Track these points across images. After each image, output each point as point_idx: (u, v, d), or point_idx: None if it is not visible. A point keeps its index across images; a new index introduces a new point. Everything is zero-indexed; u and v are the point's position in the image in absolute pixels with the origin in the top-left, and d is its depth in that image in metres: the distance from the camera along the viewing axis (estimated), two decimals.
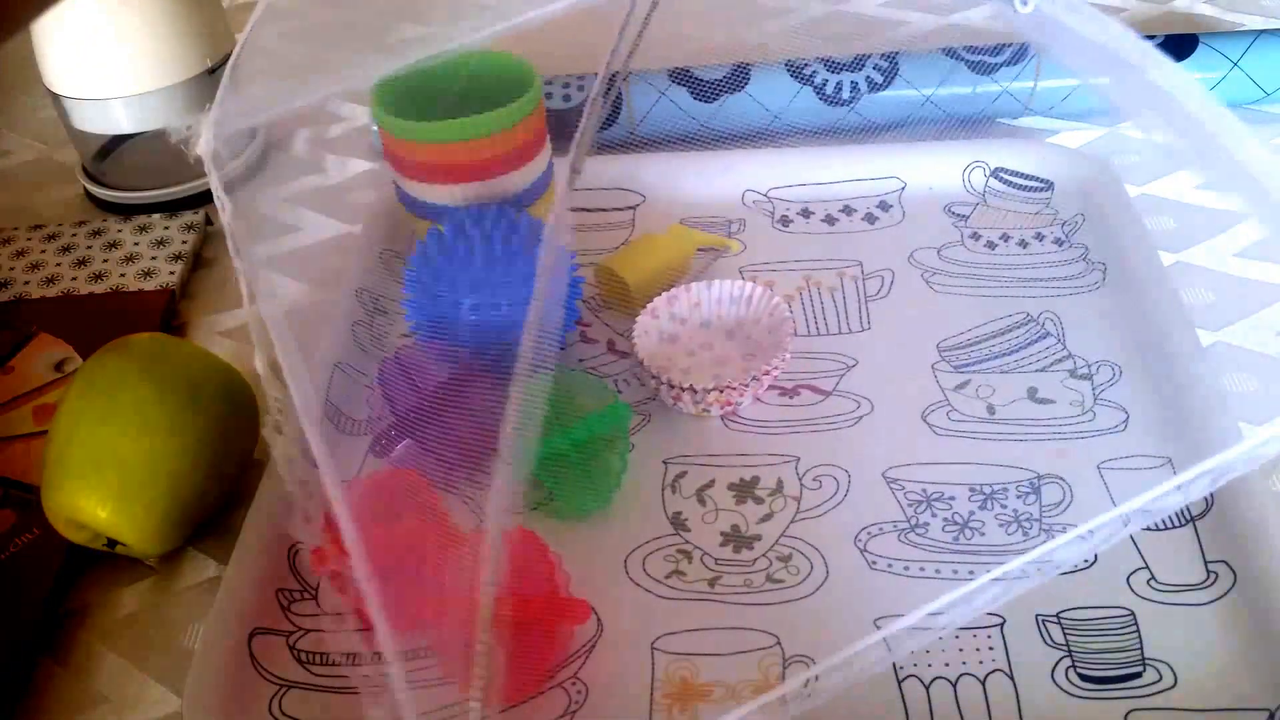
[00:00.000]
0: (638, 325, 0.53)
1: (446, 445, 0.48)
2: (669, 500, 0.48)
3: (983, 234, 0.60)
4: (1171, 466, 0.47)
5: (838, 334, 0.55)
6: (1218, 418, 0.47)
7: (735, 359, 0.53)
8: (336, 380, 0.53)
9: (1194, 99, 0.30)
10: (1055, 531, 0.45)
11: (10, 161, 0.77)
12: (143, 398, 0.46)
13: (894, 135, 0.67)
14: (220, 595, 0.43)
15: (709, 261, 0.60)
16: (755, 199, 0.64)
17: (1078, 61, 0.32)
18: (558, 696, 0.41)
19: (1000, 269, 0.58)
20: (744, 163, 0.65)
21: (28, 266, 0.64)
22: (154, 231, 0.66)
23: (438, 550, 0.43)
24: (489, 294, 0.49)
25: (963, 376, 0.52)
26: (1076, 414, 0.50)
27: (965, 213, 0.62)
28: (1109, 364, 0.52)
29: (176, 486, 0.46)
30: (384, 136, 0.55)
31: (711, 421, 0.51)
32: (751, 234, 0.62)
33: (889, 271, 0.58)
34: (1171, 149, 0.65)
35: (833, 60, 0.68)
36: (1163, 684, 0.40)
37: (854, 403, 0.51)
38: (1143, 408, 0.50)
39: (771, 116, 0.68)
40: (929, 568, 0.44)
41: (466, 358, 0.49)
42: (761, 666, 0.41)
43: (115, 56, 0.64)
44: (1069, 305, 0.55)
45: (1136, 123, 0.57)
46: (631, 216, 0.64)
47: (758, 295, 0.54)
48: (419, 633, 0.43)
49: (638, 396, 0.53)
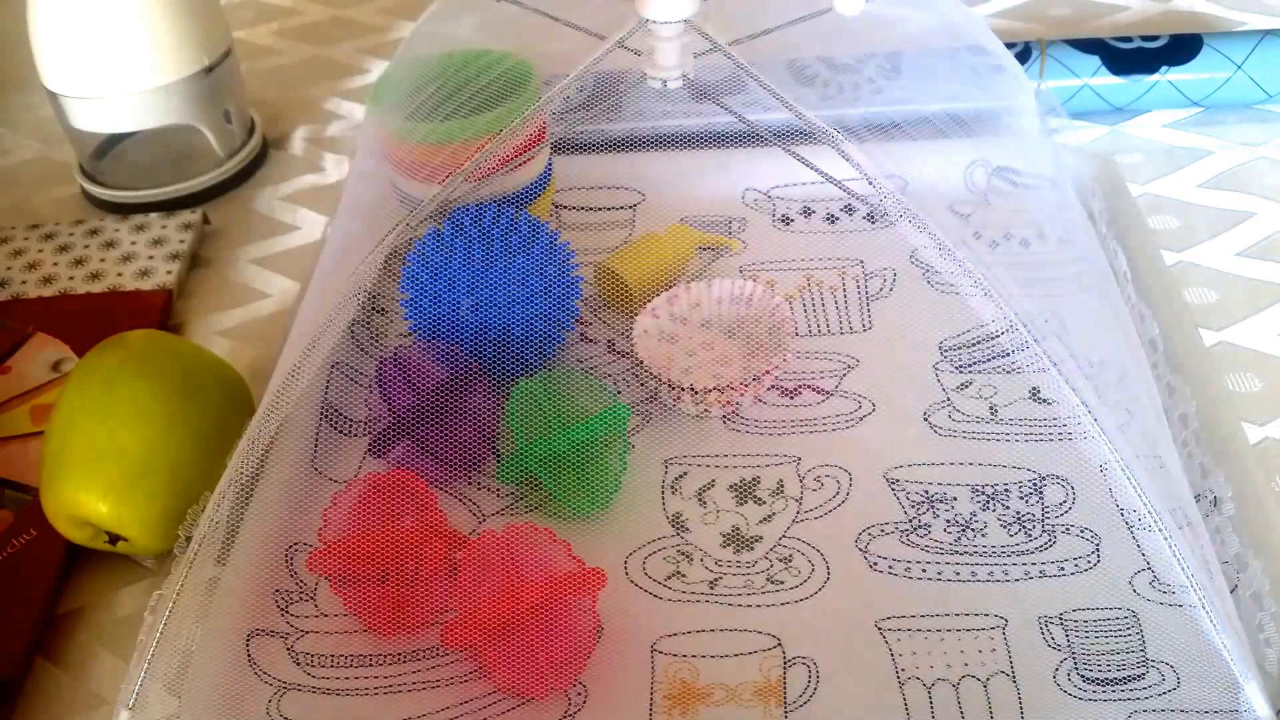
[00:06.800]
0: (638, 325, 0.53)
1: (445, 445, 0.48)
2: (669, 501, 0.48)
3: (984, 233, 0.60)
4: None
5: (839, 334, 0.55)
6: (1221, 418, 0.47)
7: (735, 359, 0.53)
8: (335, 380, 0.53)
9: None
10: (1058, 532, 0.45)
11: (7, 160, 0.77)
12: (140, 391, 0.46)
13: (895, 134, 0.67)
14: (218, 596, 0.43)
15: (709, 261, 0.60)
16: (756, 198, 0.64)
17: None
18: (557, 698, 0.41)
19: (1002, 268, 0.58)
20: (744, 162, 0.65)
21: (25, 266, 0.64)
22: (151, 230, 0.66)
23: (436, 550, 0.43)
24: (488, 293, 0.49)
25: (965, 376, 0.52)
26: (1079, 414, 0.50)
27: (967, 212, 0.62)
28: (1112, 364, 0.52)
29: (176, 478, 0.46)
30: (382, 135, 0.55)
31: (712, 422, 0.51)
32: (752, 233, 0.62)
33: (890, 271, 0.58)
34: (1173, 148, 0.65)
35: (833, 60, 0.68)
36: (1165, 685, 0.40)
37: (855, 403, 0.51)
38: (1146, 408, 0.49)
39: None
40: (931, 569, 0.44)
41: (465, 357, 0.49)
42: (762, 668, 0.41)
43: (113, 55, 0.64)
44: (1071, 305, 0.55)
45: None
46: (631, 216, 0.64)
47: (758, 295, 0.54)
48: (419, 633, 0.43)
49: (638, 396, 0.52)
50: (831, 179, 0.56)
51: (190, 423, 0.47)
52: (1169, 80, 0.68)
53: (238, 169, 0.71)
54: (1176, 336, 0.51)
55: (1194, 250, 0.59)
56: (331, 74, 0.84)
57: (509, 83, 0.54)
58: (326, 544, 0.43)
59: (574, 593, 0.41)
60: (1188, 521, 0.44)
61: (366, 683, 0.42)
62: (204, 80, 0.67)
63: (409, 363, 0.48)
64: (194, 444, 0.46)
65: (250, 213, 0.69)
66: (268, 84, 0.83)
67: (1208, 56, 0.67)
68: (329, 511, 0.44)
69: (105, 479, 0.45)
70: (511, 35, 0.54)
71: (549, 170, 0.59)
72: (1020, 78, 0.54)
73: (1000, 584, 0.43)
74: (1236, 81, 0.67)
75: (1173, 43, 0.68)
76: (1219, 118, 0.69)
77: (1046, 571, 0.44)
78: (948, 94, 0.69)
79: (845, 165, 0.45)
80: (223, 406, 0.49)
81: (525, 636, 0.40)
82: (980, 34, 0.51)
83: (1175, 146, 0.67)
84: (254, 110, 0.75)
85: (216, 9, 0.69)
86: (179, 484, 0.46)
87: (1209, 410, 0.48)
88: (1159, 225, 0.61)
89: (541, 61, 0.55)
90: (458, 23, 0.53)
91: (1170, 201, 0.63)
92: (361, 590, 0.43)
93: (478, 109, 0.52)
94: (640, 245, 0.58)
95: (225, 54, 0.69)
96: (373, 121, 0.56)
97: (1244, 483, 0.45)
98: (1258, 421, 0.50)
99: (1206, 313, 0.55)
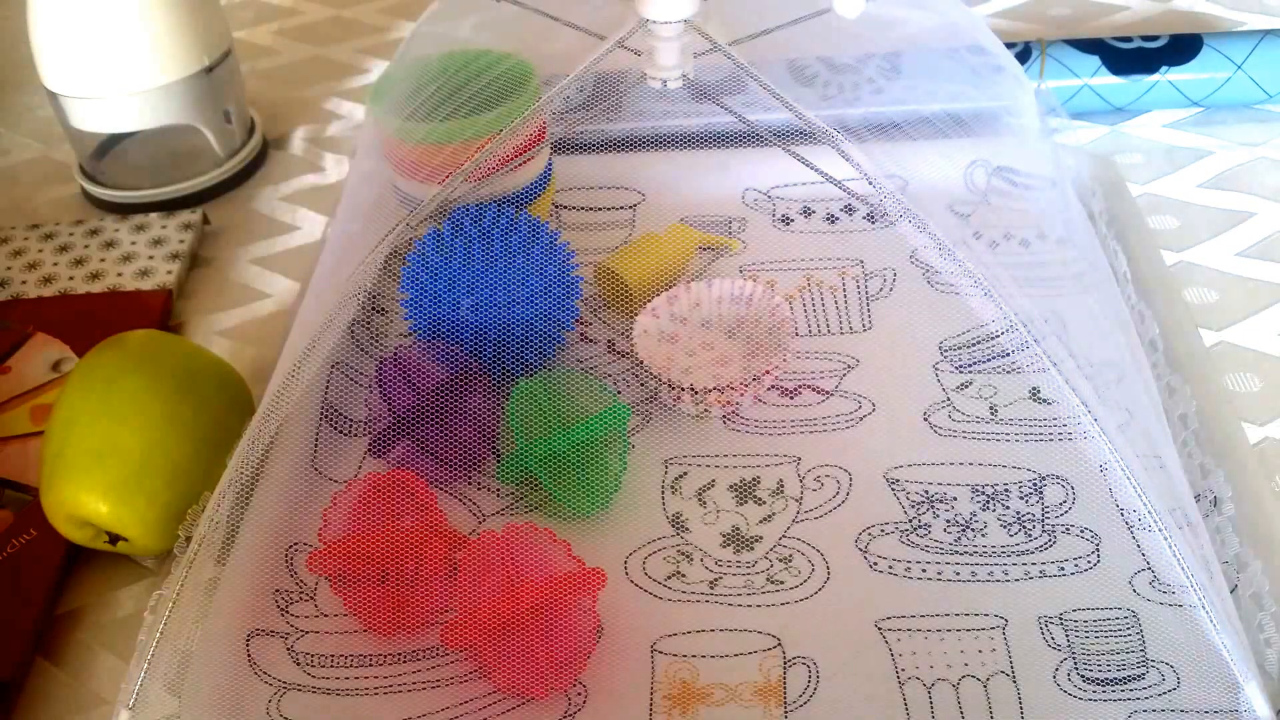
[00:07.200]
0: (638, 325, 0.52)
1: (445, 445, 0.48)
2: (669, 501, 0.48)
3: (984, 233, 0.60)
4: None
5: (839, 334, 0.55)
6: (1221, 418, 0.47)
7: (735, 359, 0.53)
8: (335, 380, 0.53)
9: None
10: (1058, 532, 0.45)
11: (7, 160, 0.77)
12: (140, 390, 0.46)
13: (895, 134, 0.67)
14: (218, 596, 0.43)
15: (709, 261, 0.60)
16: (756, 198, 0.64)
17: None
18: (557, 698, 0.41)
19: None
20: (744, 161, 0.65)
21: (25, 266, 0.64)
22: (151, 230, 0.66)
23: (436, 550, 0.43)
24: (488, 293, 0.49)
25: (965, 376, 0.52)
26: (1079, 414, 0.49)
27: (967, 212, 0.62)
28: (1112, 364, 0.52)
29: (177, 478, 0.46)
30: (382, 135, 0.55)
31: (712, 422, 0.51)
32: (752, 233, 0.62)
33: (891, 271, 0.58)
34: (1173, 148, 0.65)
35: (833, 60, 0.68)
36: (1165, 685, 0.40)
37: (855, 403, 0.51)
38: (1146, 408, 0.49)
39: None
40: (931, 569, 0.44)
41: (465, 357, 0.49)
42: (762, 668, 0.41)
43: (113, 55, 0.64)
44: (1071, 305, 0.55)
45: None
46: (631, 216, 0.64)
47: (758, 295, 0.54)
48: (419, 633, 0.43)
49: (638, 396, 0.52)
50: (831, 179, 0.56)
51: (190, 423, 0.47)
52: (1169, 80, 0.68)
53: (238, 169, 0.71)
54: (1176, 336, 0.51)
55: (1194, 250, 0.59)
56: (331, 74, 0.84)
57: (509, 83, 0.54)
58: (326, 544, 0.43)
59: (574, 593, 0.41)
60: (1188, 521, 0.44)
61: (366, 683, 0.42)
62: (204, 80, 0.67)
63: (409, 363, 0.48)
64: (194, 444, 0.46)
65: (250, 213, 0.69)
66: (268, 84, 0.83)
67: (1208, 56, 0.67)
68: (329, 511, 0.44)
69: (105, 479, 0.45)
70: (511, 35, 0.54)
71: (549, 170, 0.59)
72: (1020, 78, 0.54)
73: (1000, 584, 0.43)
74: (1236, 81, 0.67)
75: (1173, 43, 0.68)
76: (1219, 118, 0.69)
77: (1046, 571, 0.44)
78: (948, 94, 0.68)
79: (845, 165, 0.45)
80: (223, 406, 0.49)
81: (525, 636, 0.40)
82: (980, 34, 0.51)
83: (1175, 146, 0.67)
84: (254, 110, 0.75)
85: (216, 9, 0.69)
86: (179, 484, 0.46)
87: (1209, 410, 0.48)
88: (1159, 225, 0.61)
89: (541, 61, 0.55)
90: (458, 23, 0.53)
91: (1170, 201, 0.63)
92: (361, 590, 0.43)
93: (478, 109, 0.52)
94: (640, 245, 0.58)
95: (225, 54, 0.69)
96: (373, 121, 0.56)
97: (1244, 483, 0.45)
98: (1258, 421, 0.50)
99: (1206, 313, 0.55)
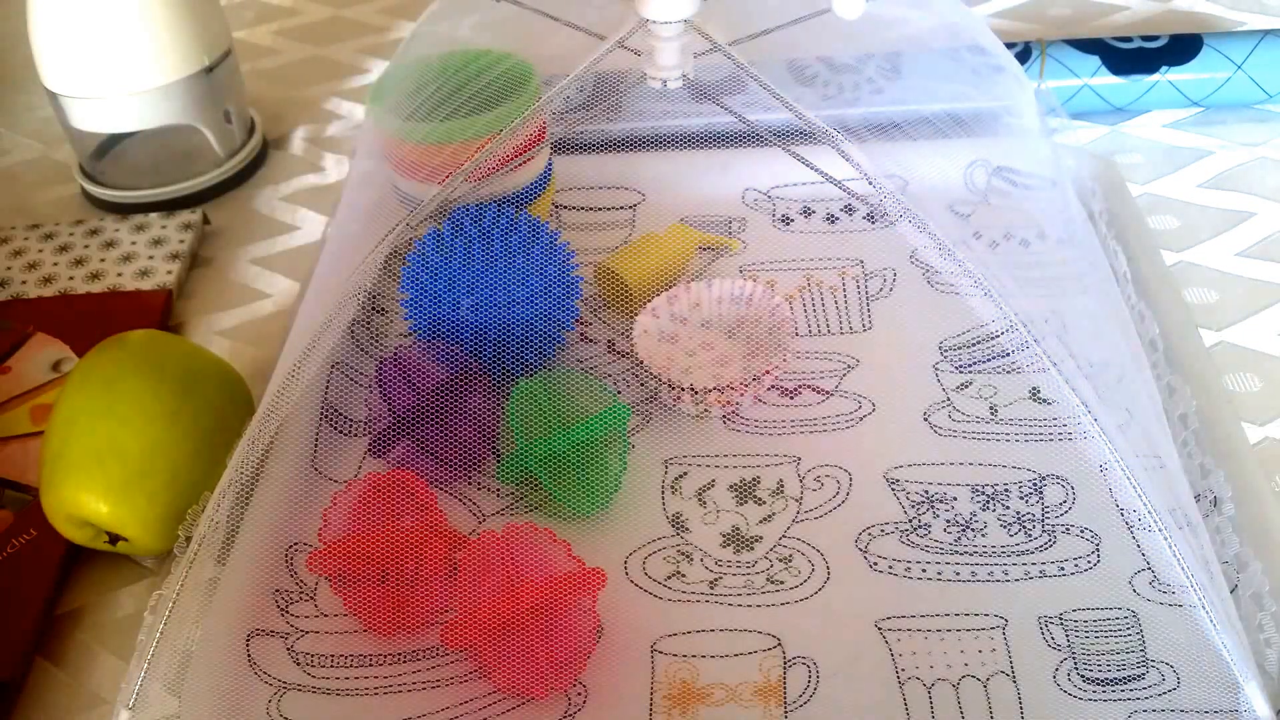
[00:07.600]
0: (638, 325, 0.52)
1: (445, 445, 0.48)
2: (669, 501, 0.48)
3: (984, 233, 0.60)
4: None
5: (839, 334, 0.55)
6: (1221, 418, 0.47)
7: (735, 359, 0.53)
8: (335, 380, 0.53)
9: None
10: (1058, 532, 0.45)
11: (7, 160, 0.77)
12: (140, 390, 0.46)
13: (895, 134, 0.67)
14: (218, 596, 0.43)
15: (709, 261, 0.60)
16: (756, 198, 0.64)
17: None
18: (557, 698, 0.41)
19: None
20: (744, 161, 0.65)
21: (25, 266, 0.64)
22: (151, 230, 0.66)
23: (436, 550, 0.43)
24: (488, 293, 0.49)
25: (965, 376, 0.52)
26: (1079, 414, 0.49)
27: (967, 212, 0.62)
28: (1112, 364, 0.52)
29: (177, 478, 0.46)
30: (382, 136, 0.55)
31: (712, 422, 0.51)
32: (752, 233, 0.62)
33: (891, 271, 0.58)
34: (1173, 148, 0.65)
35: (833, 60, 0.68)
36: (1165, 685, 0.40)
37: (855, 403, 0.51)
38: (1146, 408, 0.49)
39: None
40: (931, 569, 0.44)
41: (465, 357, 0.49)
42: (762, 668, 0.41)
43: (113, 55, 0.64)
44: (1071, 305, 0.55)
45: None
46: (631, 216, 0.64)
47: (758, 295, 0.54)
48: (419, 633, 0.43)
49: (638, 396, 0.52)
50: (831, 179, 0.56)
51: (190, 423, 0.47)
52: (1169, 80, 0.68)
53: (238, 169, 0.71)
54: (1176, 336, 0.51)
55: (1194, 250, 0.59)
56: (331, 74, 0.84)
57: (509, 83, 0.54)
58: (326, 544, 0.43)
59: (574, 593, 0.41)
60: (1188, 521, 0.44)
61: (366, 683, 0.42)
62: (204, 80, 0.67)
63: (409, 363, 0.48)
64: (194, 444, 0.46)
65: (250, 213, 0.69)
66: (268, 84, 0.83)
67: (1208, 56, 0.67)
68: (329, 511, 0.44)
69: (105, 479, 0.45)
70: (511, 35, 0.54)
71: (549, 170, 0.59)
72: (1020, 78, 0.54)
73: (1000, 584, 0.43)
74: (1236, 81, 0.67)
75: (1173, 43, 0.68)
76: (1219, 118, 0.69)
77: (1046, 571, 0.44)
78: (948, 94, 0.68)
79: (845, 165, 0.45)
80: (223, 406, 0.49)
81: (525, 636, 0.40)
82: (980, 34, 0.51)
83: (1175, 146, 0.67)
84: (254, 110, 0.75)
85: (216, 9, 0.69)
86: (179, 484, 0.46)
87: (1209, 410, 0.48)
88: (1159, 225, 0.61)
89: (541, 61, 0.55)
90: (458, 23, 0.53)
91: (1170, 201, 0.63)
92: (361, 590, 0.43)
93: (478, 109, 0.52)
94: (640, 245, 0.58)
95: (225, 54, 0.69)
96: (372, 121, 0.56)
97: (1244, 483, 0.45)
98: (1258, 421, 0.50)
99: (1206, 313, 0.55)
